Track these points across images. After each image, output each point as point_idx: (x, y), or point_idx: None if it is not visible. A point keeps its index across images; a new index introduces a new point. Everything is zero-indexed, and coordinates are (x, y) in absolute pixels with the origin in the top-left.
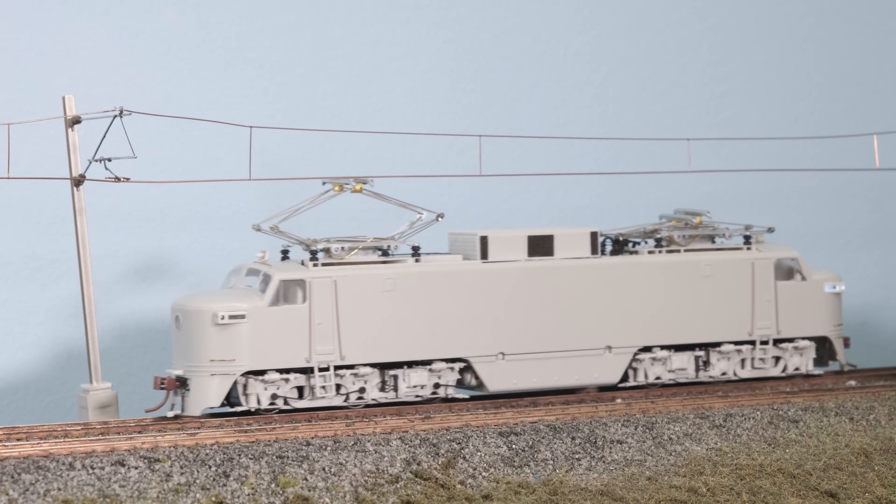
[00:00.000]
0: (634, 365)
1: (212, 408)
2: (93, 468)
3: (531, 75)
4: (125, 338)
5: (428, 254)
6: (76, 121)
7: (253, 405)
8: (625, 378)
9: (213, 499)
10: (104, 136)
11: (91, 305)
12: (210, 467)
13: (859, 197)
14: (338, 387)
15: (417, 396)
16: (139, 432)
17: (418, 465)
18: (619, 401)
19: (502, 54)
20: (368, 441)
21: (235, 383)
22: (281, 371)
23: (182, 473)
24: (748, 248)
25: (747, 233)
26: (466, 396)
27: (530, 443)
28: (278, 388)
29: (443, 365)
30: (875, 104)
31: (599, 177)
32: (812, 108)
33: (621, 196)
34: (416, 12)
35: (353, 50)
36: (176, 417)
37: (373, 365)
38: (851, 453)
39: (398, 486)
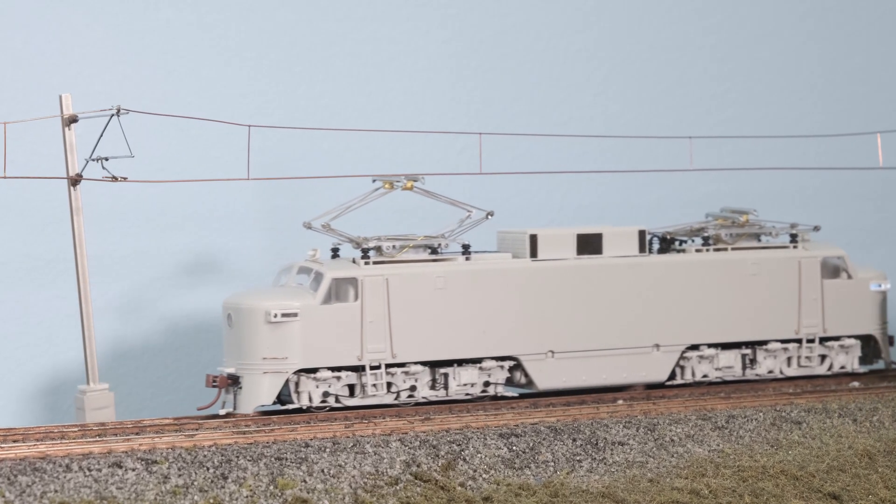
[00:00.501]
0: (682, 363)
1: (263, 405)
2: (90, 470)
3: (532, 73)
4: (122, 339)
5: (477, 252)
6: (73, 119)
7: (304, 403)
8: (672, 376)
9: (211, 501)
10: (101, 135)
11: (88, 306)
12: (208, 469)
13: (862, 196)
14: (388, 385)
15: (467, 395)
16: (136, 434)
17: (418, 466)
18: (620, 402)
19: (502, 52)
20: (368, 443)
21: (287, 381)
22: (333, 369)
23: (180, 475)
24: (794, 247)
25: (793, 231)
26: (516, 395)
27: (531, 444)
28: (330, 386)
29: (493, 363)
30: (878, 102)
31: (600, 175)
32: (815, 106)
33: (623, 195)
34: (416, 10)
35: (352, 48)
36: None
37: (423, 363)
38: (855, 455)
39: (398, 487)
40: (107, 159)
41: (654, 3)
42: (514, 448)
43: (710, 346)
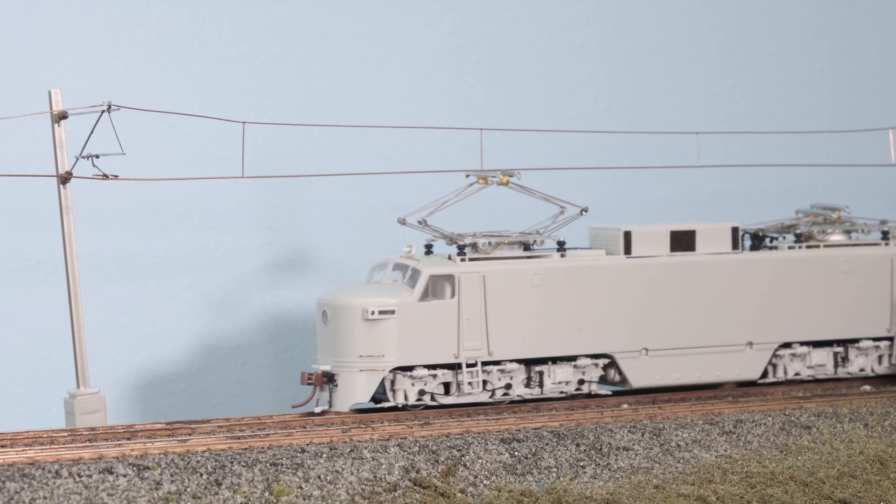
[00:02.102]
0: (774, 361)
1: (359, 404)
2: (80, 476)
3: (534, 68)
4: (113, 340)
5: (571, 248)
6: (63, 116)
7: (400, 401)
8: (764, 374)
9: None
10: (91, 132)
11: (78, 307)
12: (201, 475)
13: (875, 195)
14: (483, 383)
15: (562, 393)
16: (128, 439)
17: (417, 472)
18: (625, 406)
19: (504, 47)
20: (365, 448)
21: (383, 379)
22: (429, 367)
23: (172, 481)
24: (886, 244)
25: (885, 228)
26: (609, 393)
27: (533, 450)
28: (426, 385)
29: (587, 361)
30: (890, 98)
31: (605, 172)
32: (825, 102)
33: (628, 192)
34: (415, 4)
35: (349, 42)
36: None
37: (519, 361)
38: (866, 461)
39: (396, 494)
40: (97, 157)
41: None
42: (516, 453)
43: (802, 343)
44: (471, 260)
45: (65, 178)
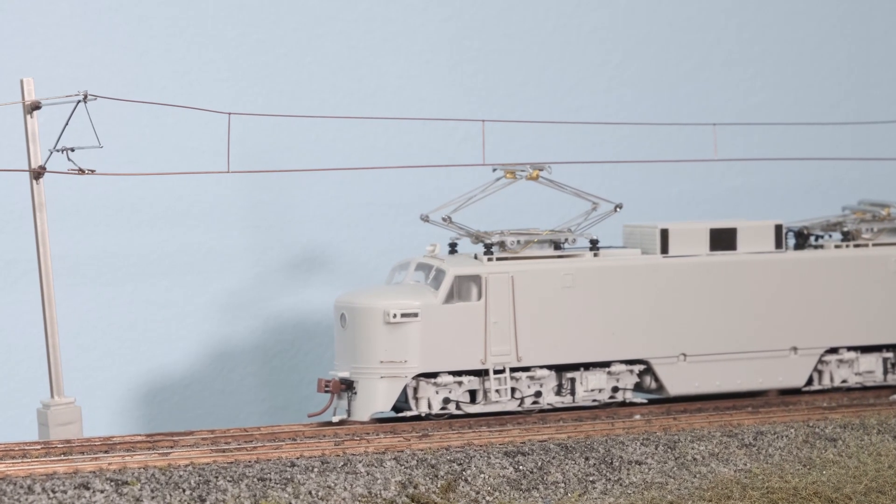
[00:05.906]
0: (820, 367)
1: (380, 412)
2: (54, 492)
3: (540, 56)
4: (90, 346)
5: (604, 248)
6: (36, 106)
7: (423, 410)
8: (809, 381)
9: None
10: (67, 124)
11: (52, 310)
12: (184, 491)
13: None
14: (512, 391)
15: (594, 401)
16: (105, 452)
17: (415, 488)
18: (637, 417)
19: (508, 32)
20: (360, 462)
21: (405, 386)
22: (454, 373)
23: (153, 497)
24: None
25: None
26: (645, 401)
27: (539, 464)
28: (450, 392)
29: (622, 367)
30: None
31: (616, 166)
32: (851, 91)
33: (641, 187)
34: None
35: (342, 28)
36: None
37: (549, 367)
38: (895, 475)
39: None
40: (73, 150)
41: None
42: (521, 468)
43: (849, 349)
44: (498, 259)
45: (38, 173)
